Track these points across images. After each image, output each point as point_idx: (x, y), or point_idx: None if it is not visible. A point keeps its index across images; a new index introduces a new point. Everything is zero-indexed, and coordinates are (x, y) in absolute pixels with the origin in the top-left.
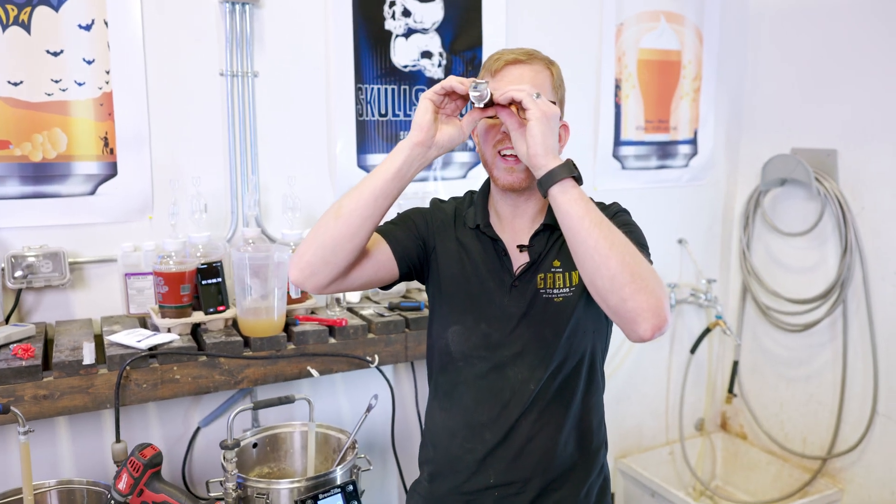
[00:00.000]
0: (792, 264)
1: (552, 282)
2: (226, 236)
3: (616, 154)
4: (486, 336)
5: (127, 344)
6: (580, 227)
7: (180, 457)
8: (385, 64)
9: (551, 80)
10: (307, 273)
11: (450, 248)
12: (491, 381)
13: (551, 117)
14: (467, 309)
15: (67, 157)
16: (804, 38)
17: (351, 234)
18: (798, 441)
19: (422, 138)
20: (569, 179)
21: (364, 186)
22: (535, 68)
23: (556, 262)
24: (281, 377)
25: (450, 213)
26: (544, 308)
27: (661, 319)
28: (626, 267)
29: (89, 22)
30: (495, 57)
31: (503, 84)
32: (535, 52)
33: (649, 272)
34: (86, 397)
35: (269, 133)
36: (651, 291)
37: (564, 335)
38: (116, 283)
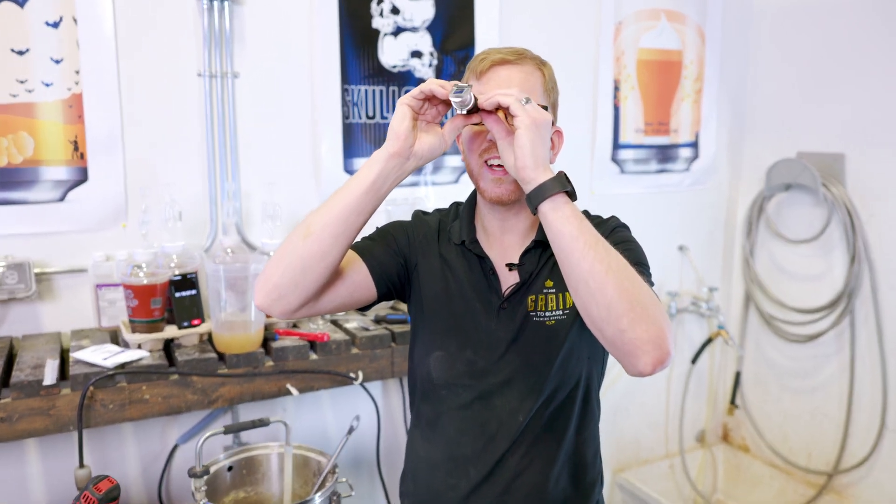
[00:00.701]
0: (797, 272)
1: (544, 304)
2: (204, 245)
3: (614, 158)
4: (472, 363)
5: (92, 362)
6: (573, 248)
7: (157, 476)
8: (372, 64)
9: (543, 83)
10: (274, 297)
11: (433, 266)
12: (476, 411)
13: (542, 125)
14: (451, 333)
15: (35, 162)
16: (809, 38)
17: (322, 254)
18: (803, 455)
19: (398, 148)
20: (561, 195)
21: (335, 201)
22: (524, 69)
23: (549, 281)
24: (259, 395)
25: (433, 228)
26: (535, 332)
27: (664, 352)
28: (625, 294)
29: (57, 19)
30: (480, 57)
31: (489, 87)
32: (525, 52)
33: (650, 299)
34: (47, 420)
35: (251, 137)
36: (652, 321)
37: (557, 362)
38: (87, 295)
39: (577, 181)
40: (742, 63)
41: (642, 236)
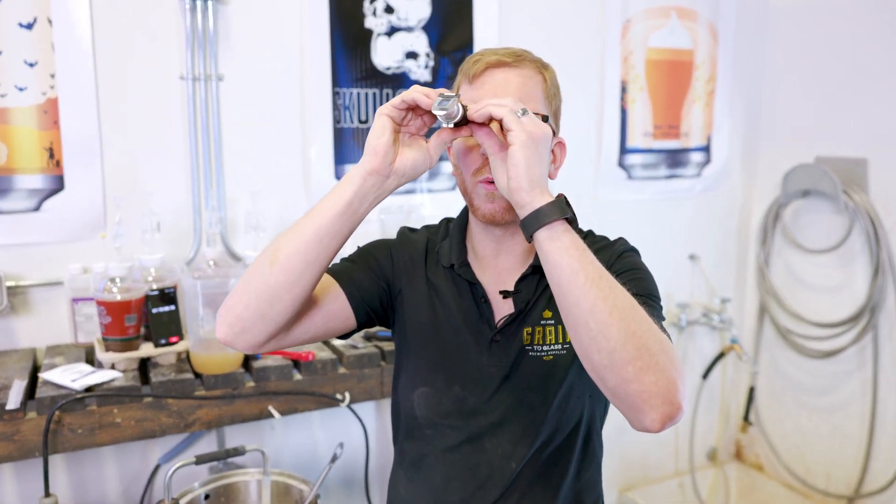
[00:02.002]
0: (816, 284)
1: (541, 337)
2: (186, 257)
3: (621, 163)
4: (460, 401)
5: (60, 383)
6: (573, 284)
7: (138, 498)
8: (365, 66)
9: (544, 88)
10: (237, 330)
11: (419, 292)
12: (465, 454)
13: (540, 140)
14: (438, 367)
15: (8, 171)
16: (829, 36)
17: (290, 283)
18: (821, 476)
19: (377, 165)
20: (560, 222)
21: (306, 224)
22: (523, 73)
23: (547, 312)
24: (239, 418)
25: (420, 248)
26: (531, 368)
27: (674, 408)
28: (631, 338)
29: (31, 20)
30: (474, 59)
31: (483, 93)
32: (525, 53)
33: (661, 344)
34: (10, 445)
35: (236, 142)
36: (662, 371)
37: (555, 402)
38: (64, 309)
39: (581, 187)
40: (757, 63)
41: (651, 245)
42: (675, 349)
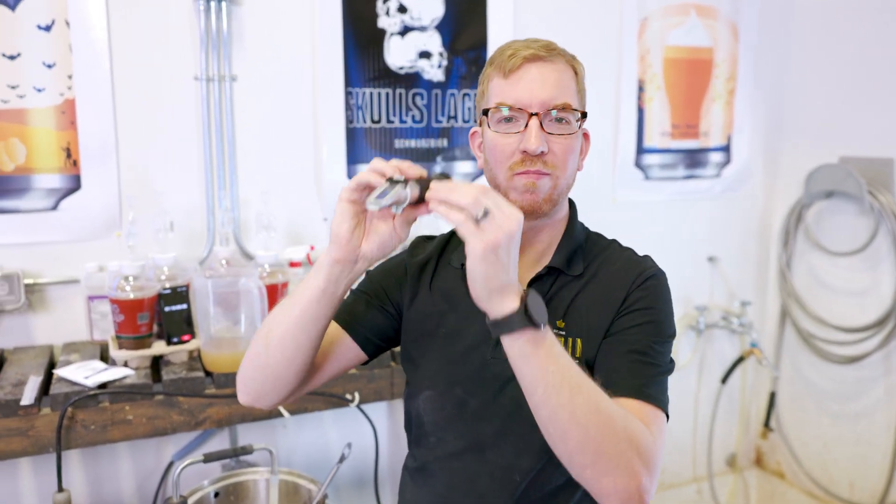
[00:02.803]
0: (839, 287)
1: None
2: (200, 256)
3: (639, 163)
4: (462, 404)
5: (74, 380)
6: (533, 391)
7: (152, 494)
8: (378, 65)
9: (576, 82)
10: (254, 396)
11: (425, 298)
12: (467, 463)
13: (501, 246)
14: (442, 368)
15: (26, 170)
16: (853, 33)
17: (287, 361)
18: (844, 485)
19: (342, 255)
20: (524, 331)
21: (289, 310)
22: (558, 67)
23: (561, 322)
24: (249, 417)
25: (433, 253)
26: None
27: (649, 486)
28: (590, 444)
29: (49, 22)
30: (509, 53)
31: (519, 87)
32: (555, 46)
33: (627, 443)
34: (25, 441)
35: (250, 143)
36: (622, 472)
37: None
38: (80, 306)
39: (598, 188)
40: (779, 61)
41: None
42: (649, 439)
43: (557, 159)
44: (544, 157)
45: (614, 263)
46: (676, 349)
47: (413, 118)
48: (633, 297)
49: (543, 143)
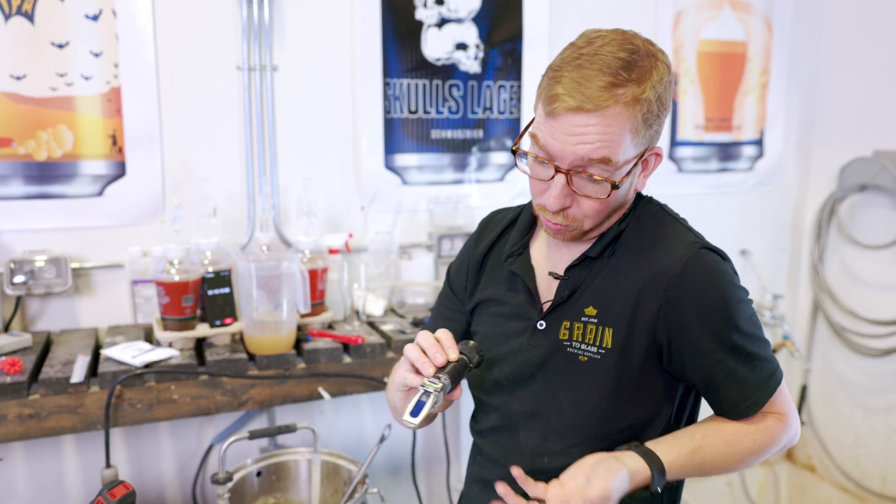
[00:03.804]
0: (872, 281)
1: (581, 334)
2: (241, 242)
3: (672, 155)
4: (498, 384)
5: (121, 360)
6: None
7: (192, 476)
8: (415, 57)
9: (633, 125)
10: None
11: (485, 281)
12: (504, 439)
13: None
14: (489, 346)
15: (73, 157)
16: (887, 26)
17: None
18: (877, 479)
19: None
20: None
21: (390, 395)
22: (607, 116)
23: (591, 309)
24: (290, 399)
25: (493, 239)
26: (564, 365)
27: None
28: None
29: (97, 12)
30: (552, 93)
31: (559, 136)
32: (605, 86)
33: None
34: (74, 418)
35: (290, 132)
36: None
37: (589, 408)
38: (124, 290)
39: None
40: (813, 54)
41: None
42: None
43: (582, 214)
44: (567, 212)
45: (644, 236)
46: None
47: (449, 109)
48: (677, 301)
49: (564, 202)
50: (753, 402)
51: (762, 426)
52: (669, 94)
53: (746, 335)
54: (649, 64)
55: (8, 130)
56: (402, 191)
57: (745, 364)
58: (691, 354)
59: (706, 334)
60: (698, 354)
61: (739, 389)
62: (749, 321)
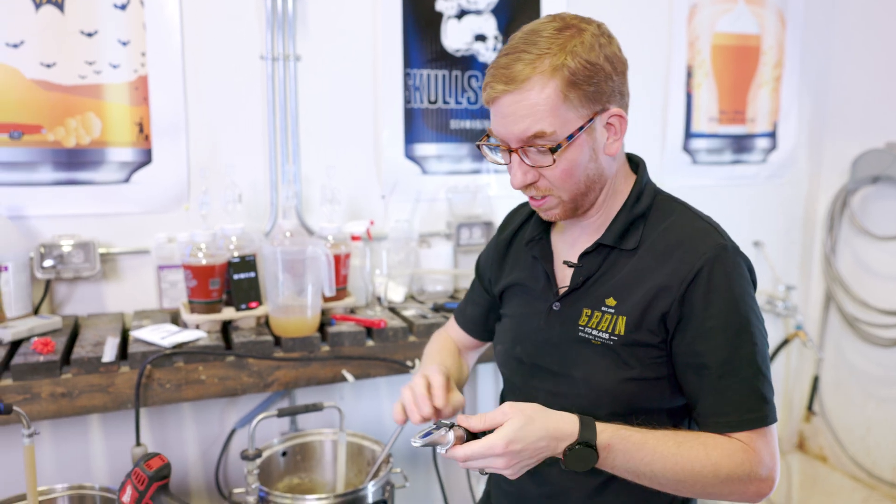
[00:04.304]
0: (884, 272)
1: (597, 321)
2: (264, 229)
3: (686, 147)
4: (520, 361)
5: (150, 341)
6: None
7: (215, 459)
8: (435, 48)
9: (558, 96)
10: None
11: (510, 266)
12: None
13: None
14: (510, 328)
15: (101, 143)
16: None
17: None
18: (888, 468)
19: None
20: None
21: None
22: (529, 92)
23: (612, 300)
24: (314, 381)
25: (516, 227)
26: (578, 348)
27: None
28: (699, 493)
29: (125, 1)
30: (485, 84)
31: (497, 124)
32: (524, 64)
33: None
34: (105, 397)
35: (312, 121)
36: (737, 497)
37: (601, 388)
38: (150, 276)
39: None
40: (826, 48)
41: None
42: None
43: (551, 183)
44: (536, 185)
45: (669, 235)
46: None
47: (468, 100)
48: (692, 296)
49: (527, 177)
50: (727, 422)
51: (724, 445)
52: (606, 55)
53: (751, 347)
54: (569, 34)
55: (38, 117)
56: (421, 180)
57: (736, 380)
58: (689, 349)
59: (710, 328)
60: (695, 352)
61: (719, 401)
62: (758, 337)
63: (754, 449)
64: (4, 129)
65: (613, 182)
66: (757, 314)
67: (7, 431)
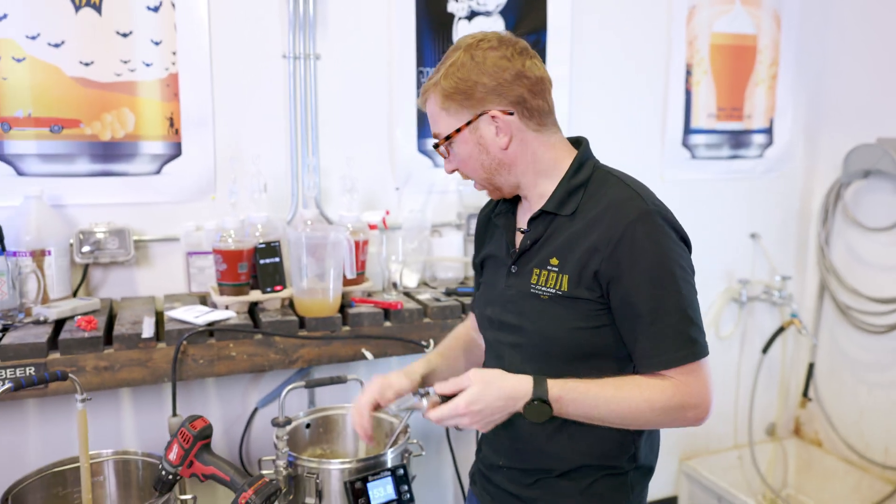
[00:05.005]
0: (875, 262)
1: (545, 280)
2: (285, 217)
3: (686, 143)
4: (490, 320)
5: (185, 319)
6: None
7: (238, 437)
8: (447, 47)
9: (439, 105)
10: None
11: (488, 238)
12: (494, 367)
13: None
14: (483, 293)
15: (135, 137)
16: (891, 20)
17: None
18: (879, 451)
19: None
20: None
21: None
22: (431, 102)
23: (554, 259)
24: (335, 358)
25: (491, 202)
26: (531, 303)
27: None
28: (643, 426)
29: (157, 4)
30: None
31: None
32: (427, 85)
33: (666, 413)
34: (144, 370)
35: (330, 116)
36: (678, 424)
37: (553, 337)
38: (179, 262)
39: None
40: (820, 47)
41: (713, 223)
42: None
43: (465, 171)
44: (460, 172)
45: (600, 202)
46: (719, 321)
47: None
48: (619, 255)
49: (448, 166)
50: (658, 362)
51: (656, 383)
52: (481, 68)
53: (676, 296)
54: (451, 58)
55: (77, 112)
56: (433, 173)
57: (663, 325)
58: (622, 302)
59: (638, 282)
60: (628, 303)
61: (651, 345)
62: (683, 286)
63: (684, 382)
64: (46, 124)
65: (543, 162)
66: (682, 266)
67: (51, 402)
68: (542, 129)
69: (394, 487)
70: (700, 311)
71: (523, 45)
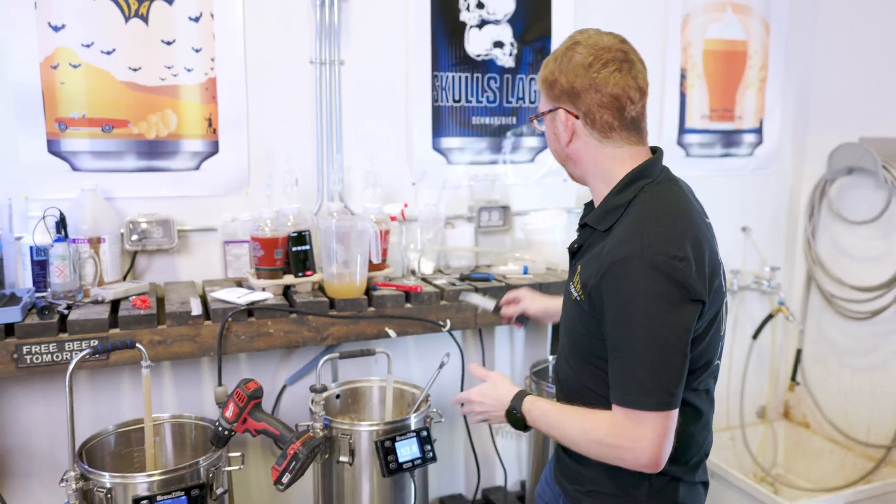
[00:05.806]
0: (858, 253)
1: (577, 282)
2: (313, 210)
3: (680, 141)
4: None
5: (228, 300)
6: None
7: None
8: (459, 53)
9: (538, 83)
10: None
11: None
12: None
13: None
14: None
15: (177, 136)
16: (874, 28)
17: None
18: (862, 430)
19: None
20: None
21: None
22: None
23: (580, 267)
24: (362, 336)
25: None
26: (567, 299)
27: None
28: (576, 445)
29: (198, 14)
30: None
31: None
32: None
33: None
34: (192, 345)
35: (353, 117)
36: (620, 461)
37: (570, 337)
38: (216, 250)
39: None
40: (806, 53)
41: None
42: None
43: (549, 148)
44: None
45: (617, 233)
46: None
47: (487, 99)
48: (601, 288)
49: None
50: (613, 395)
51: (599, 416)
52: (562, 69)
53: (638, 341)
54: (560, 47)
55: (126, 113)
56: (447, 169)
57: (620, 364)
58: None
59: (608, 317)
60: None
61: (612, 377)
62: (651, 334)
63: (621, 424)
64: (98, 124)
65: (602, 171)
66: (655, 314)
67: (108, 373)
68: (606, 140)
69: (419, 447)
70: (673, 363)
71: (617, 55)
